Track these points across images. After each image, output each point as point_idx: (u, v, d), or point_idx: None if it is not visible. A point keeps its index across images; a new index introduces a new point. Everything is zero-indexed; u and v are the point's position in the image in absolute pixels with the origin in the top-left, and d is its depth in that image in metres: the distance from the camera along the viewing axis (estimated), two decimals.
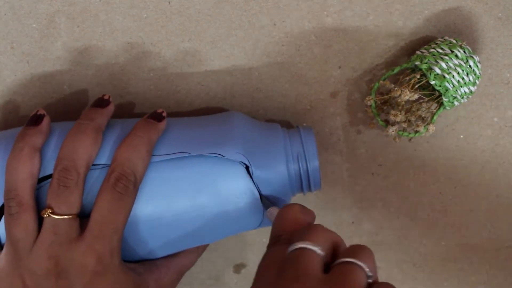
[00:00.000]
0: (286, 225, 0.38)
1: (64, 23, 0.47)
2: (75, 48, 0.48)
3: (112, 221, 0.40)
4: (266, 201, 0.43)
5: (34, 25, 0.47)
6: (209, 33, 0.48)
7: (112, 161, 0.41)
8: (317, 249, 0.34)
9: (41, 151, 0.42)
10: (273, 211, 0.41)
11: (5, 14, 0.47)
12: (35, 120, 0.43)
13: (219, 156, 0.41)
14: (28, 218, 0.40)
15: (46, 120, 0.43)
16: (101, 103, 0.44)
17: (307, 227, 0.37)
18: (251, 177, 0.42)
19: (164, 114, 0.43)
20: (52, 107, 0.49)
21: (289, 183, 0.44)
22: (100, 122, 0.42)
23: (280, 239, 0.37)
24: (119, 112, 0.49)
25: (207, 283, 0.55)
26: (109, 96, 0.45)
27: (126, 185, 0.40)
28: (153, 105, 0.49)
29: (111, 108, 0.44)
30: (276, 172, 0.43)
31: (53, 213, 0.40)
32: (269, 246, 0.37)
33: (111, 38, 0.48)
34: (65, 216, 0.40)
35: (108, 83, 0.49)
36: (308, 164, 0.44)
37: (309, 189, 0.45)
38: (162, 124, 0.43)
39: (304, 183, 0.44)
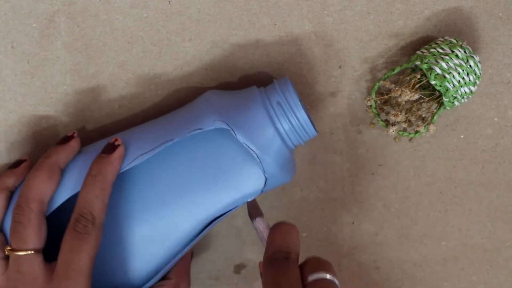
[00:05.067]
0: (295, 243, 0.41)
1: (64, 22, 0.47)
2: (75, 48, 0.48)
3: (75, 261, 0.40)
4: (252, 206, 0.44)
5: (34, 25, 0.47)
6: (210, 33, 0.48)
7: None
8: (337, 283, 0.39)
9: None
10: (261, 223, 0.43)
11: (5, 13, 0.47)
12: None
13: (199, 130, 0.42)
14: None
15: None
16: (63, 140, 0.45)
17: (323, 260, 0.41)
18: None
19: (118, 142, 0.44)
20: (52, 107, 0.49)
21: (278, 135, 0.44)
22: (56, 158, 0.44)
23: (291, 257, 0.40)
24: (119, 112, 0.49)
25: (207, 283, 0.55)
26: (74, 133, 0.46)
27: (84, 224, 0.41)
28: (153, 105, 0.49)
29: (73, 144, 0.45)
30: (260, 127, 0.43)
31: (12, 249, 0.41)
32: (276, 260, 0.40)
33: (111, 37, 0.48)
34: (22, 252, 0.40)
35: (108, 83, 0.49)
36: (292, 110, 0.44)
37: (305, 135, 0.45)
38: (117, 153, 0.43)
39: (297, 130, 0.44)
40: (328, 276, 0.39)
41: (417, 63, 0.46)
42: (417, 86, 0.46)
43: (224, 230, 0.53)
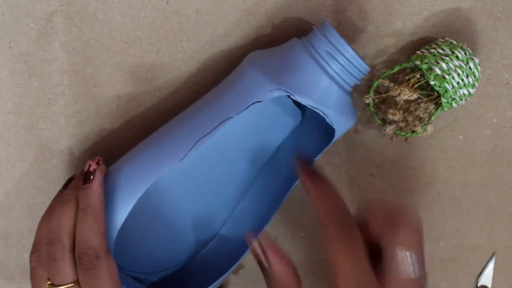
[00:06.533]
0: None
1: (62, 22, 0.47)
2: (73, 48, 0.48)
3: None
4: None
5: (32, 25, 0.47)
6: (208, 33, 0.48)
7: None
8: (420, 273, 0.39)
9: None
10: None
11: (3, 13, 0.47)
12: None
13: (258, 102, 0.42)
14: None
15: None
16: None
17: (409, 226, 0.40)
18: (294, 102, 0.43)
19: (93, 167, 0.43)
20: (50, 108, 0.49)
21: (335, 83, 0.42)
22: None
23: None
24: (117, 113, 0.49)
25: None
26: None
27: (88, 260, 0.41)
28: (151, 105, 0.49)
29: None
30: (316, 82, 0.42)
31: (52, 284, 0.42)
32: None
33: (109, 37, 0.48)
34: (62, 287, 0.41)
35: (106, 83, 0.49)
36: (342, 54, 0.42)
37: (359, 73, 0.43)
38: (96, 180, 0.42)
39: (350, 71, 0.43)
40: (410, 261, 0.38)
41: (417, 63, 0.46)
42: (415, 86, 0.46)
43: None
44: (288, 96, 0.41)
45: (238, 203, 0.51)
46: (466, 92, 0.45)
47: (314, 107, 0.42)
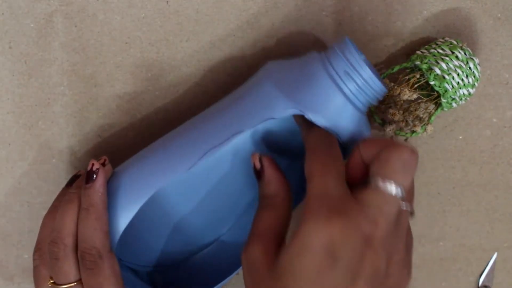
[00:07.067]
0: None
1: (61, 22, 0.47)
2: (73, 48, 0.48)
3: None
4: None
5: (32, 25, 0.47)
6: (208, 33, 0.48)
7: None
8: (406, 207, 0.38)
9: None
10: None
11: (2, 13, 0.47)
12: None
13: (271, 119, 0.41)
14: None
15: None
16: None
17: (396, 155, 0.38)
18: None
19: (96, 167, 0.42)
20: (50, 108, 0.49)
21: (350, 103, 0.41)
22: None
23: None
24: (117, 113, 0.49)
25: None
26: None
27: (91, 260, 0.41)
28: (151, 105, 0.49)
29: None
30: (331, 103, 0.41)
31: (54, 283, 0.42)
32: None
33: (109, 37, 0.48)
34: (65, 286, 0.41)
35: (106, 83, 0.49)
36: (360, 75, 0.41)
37: (375, 94, 0.42)
38: (99, 180, 0.42)
39: (367, 93, 0.42)
40: (394, 191, 0.36)
41: (417, 63, 0.46)
42: (415, 86, 0.46)
43: None
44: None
45: (244, 212, 0.50)
46: (466, 92, 0.45)
47: (327, 128, 0.41)
